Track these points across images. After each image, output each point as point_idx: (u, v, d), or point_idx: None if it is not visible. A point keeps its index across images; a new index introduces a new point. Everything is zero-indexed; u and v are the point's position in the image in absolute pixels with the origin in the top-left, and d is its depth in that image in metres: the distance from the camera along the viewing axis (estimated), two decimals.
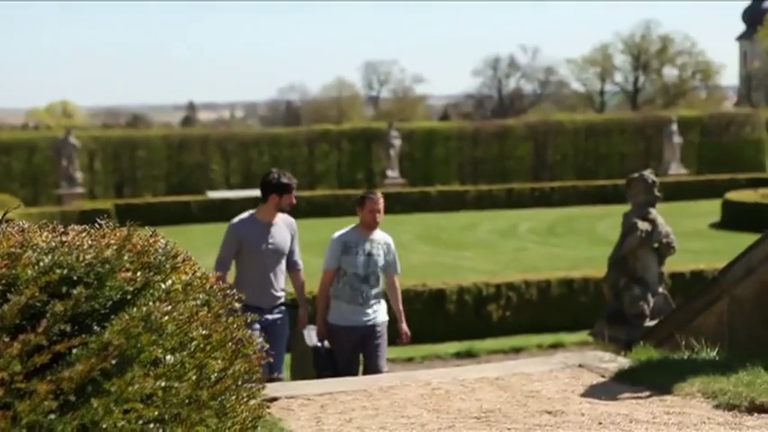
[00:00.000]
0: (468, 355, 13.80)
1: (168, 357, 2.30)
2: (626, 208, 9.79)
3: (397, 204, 30.89)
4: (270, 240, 7.91)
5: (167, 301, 2.39)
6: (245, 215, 8.14)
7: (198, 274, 2.58)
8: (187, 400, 2.27)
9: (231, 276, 8.11)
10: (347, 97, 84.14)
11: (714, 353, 7.05)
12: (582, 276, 15.63)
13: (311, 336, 8.14)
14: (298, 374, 8.32)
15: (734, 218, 25.36)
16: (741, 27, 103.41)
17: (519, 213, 31.65)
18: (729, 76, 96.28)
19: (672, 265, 14.39)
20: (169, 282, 2.45)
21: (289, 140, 41.23)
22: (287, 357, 8.45)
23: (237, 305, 7.98)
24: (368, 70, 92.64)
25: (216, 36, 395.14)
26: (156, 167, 39.84)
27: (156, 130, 51.01)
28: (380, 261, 8.14)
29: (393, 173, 37.32)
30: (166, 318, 2.32)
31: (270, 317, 7.90)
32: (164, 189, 38.94)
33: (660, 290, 9.53)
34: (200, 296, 2.53)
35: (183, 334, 2.35)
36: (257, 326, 7.77)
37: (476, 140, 42.38)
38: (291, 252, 8.08)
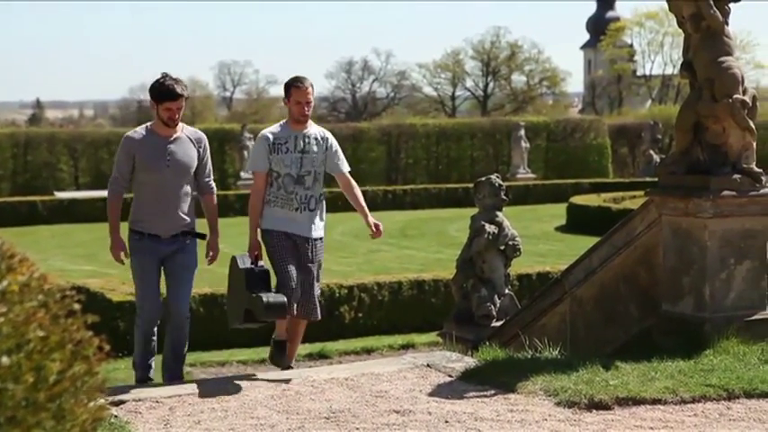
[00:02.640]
0: (321, 357, 13.82)
1: (4, 359, 2.24)
2: (476, 211, 9.99)
3: None
4: (168, 157, 6.81)
5: (3, 303, 2.34)
6: (141, 127, 7.09)
7: (36, 275, 2.53)
8: (23, 403, 2.22)
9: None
10: (200, 97, 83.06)
11: (556, 352, 7.26)
12: (433, 278, 15.83)
13: (244, 259, 7.07)
14: (231, 306, 7.27)
15: (578, 221, 26.06)
16: (585, 36, 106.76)
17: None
18: (574, 84, 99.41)
19: (519, 266, 14.75)
20: (5, 283, 2.39)
21: None
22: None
23: (136, 235, 6.81)
24: (221, 71, 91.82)
25: (64, 32, 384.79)
26: (1, 167, 38.64)
27: (1, 129, 49.29)
28: (317, 159, 7.10)
29: (246, 174, 37.08)
30: (2, 319, 2.26)
31: (169, 247, 6.91)
32: (9, 189, 37.76)
33: (506, 291, 9.76)
34: (38, 297, 2.47)
35: (19, 335, 2.30)
36: (151, 258, 6.89)
37: None
38: (201, 172, 7.03)
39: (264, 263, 7.08)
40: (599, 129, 45.54)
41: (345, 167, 7.33)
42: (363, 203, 7.36)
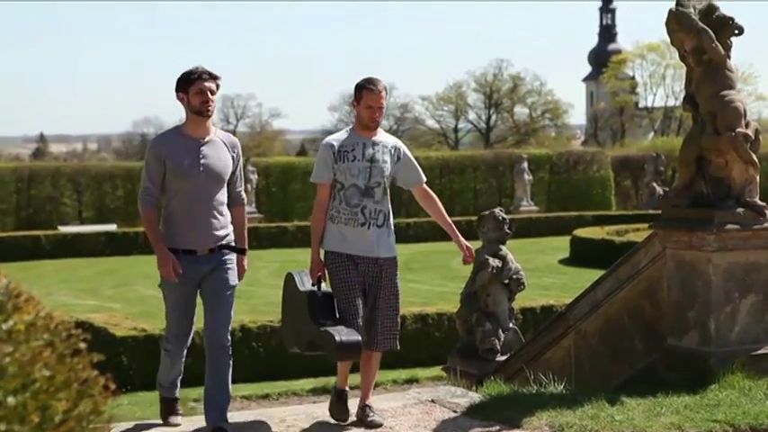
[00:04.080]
0: (325, 392, 13.75)
1: (9, 399, 2.24)
2: (480, 244, 9.99)
3: (254, 240, 30.68)
4: (202, 161, 6.04)
5: (9, 342, 2.34)
6: (170, 128, 6.40)
7: (42, 313, 2.53)
8: None
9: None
10: None
11: (561, 386, 7.24)
12: (436, 311, 15.80)
13: (303, 279, 6.30)
14: (289, 329, 6.52)
15: (582, 254, 25.99)
16: (587, 68, 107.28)
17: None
18: (577, 116, 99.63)
19: (523, 300, 14.72)
20: (11, 322, 2.39)
21: None
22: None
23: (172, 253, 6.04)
24: (225, 104, 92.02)
25: (67, 66, 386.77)
26: (5, 201, 38.63)
27: (5, 163, 49.40)
28: (387, 169, 6.27)
29: (250, 208, 37.14)
30: (8, 359, 2.26)
31: (207, 265, 6.07)
32: (13, 223, 37.76)
33: (510, 325, 9.74)
34: (44, 336, 2.47)
35: (25, 375, 2.30)
36: (186, 279, 6.02)
37: None
38: (234, 181, 6.27)
39: (327, 285, 6.34)
40: (602, 161, 45.58)
41: (423, 177, 6.57)
42: (449, 219, 6.66)
